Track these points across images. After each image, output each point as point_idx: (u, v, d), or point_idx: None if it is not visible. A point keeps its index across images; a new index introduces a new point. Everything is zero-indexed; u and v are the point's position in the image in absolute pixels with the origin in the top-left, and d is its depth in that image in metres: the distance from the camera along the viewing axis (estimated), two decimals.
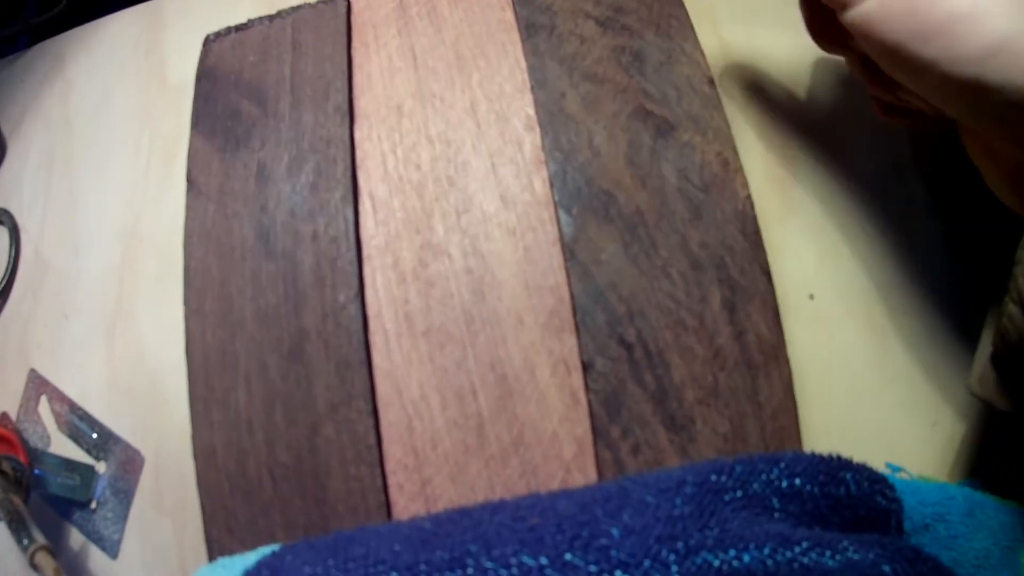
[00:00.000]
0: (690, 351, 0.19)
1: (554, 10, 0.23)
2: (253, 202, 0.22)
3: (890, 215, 0.29)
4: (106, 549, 0.27)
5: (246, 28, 0.25)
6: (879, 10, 0.17)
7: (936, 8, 0.17)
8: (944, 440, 0.25)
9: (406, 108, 0.22)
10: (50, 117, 0.36)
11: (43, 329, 0.31)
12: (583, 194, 0.20)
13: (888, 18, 0.17)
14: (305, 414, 0.19)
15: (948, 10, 0.17)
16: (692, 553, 0.15)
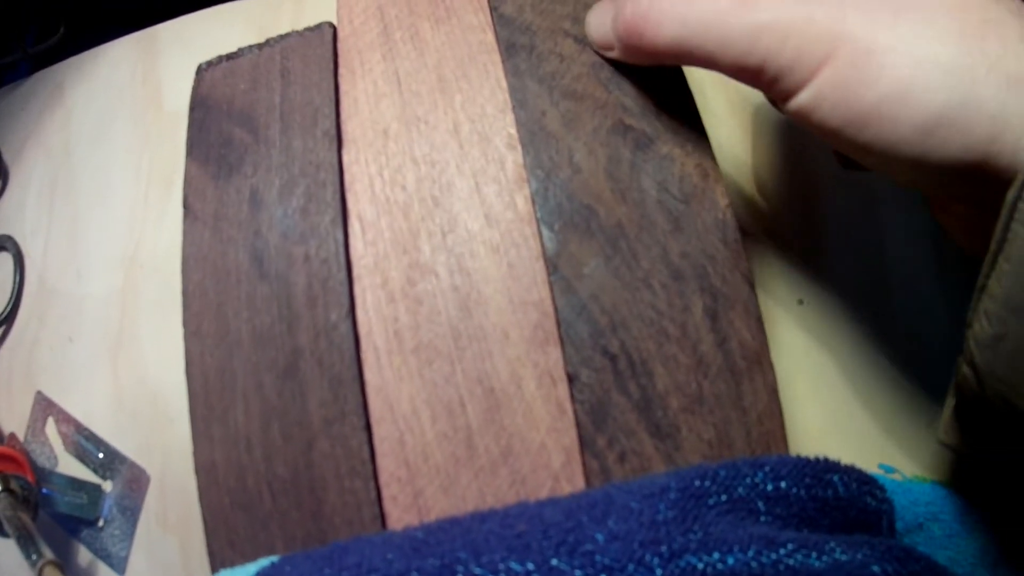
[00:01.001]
0: (673, 360, 0.20)
1: (533, 30, 0.24)
2: (247, 226, 0.22)
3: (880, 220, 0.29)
4: (113, 566, 0.28)
5: (237, 57, 0.26)
6: (813, 100, 0.17)
7: (867, 93, 0.16)
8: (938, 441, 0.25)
9: (392, 131, 0.23)
10: (51, 145, 0.37)
11: (48, 352, 0.32)
12: (564, 210, 0.21)
13: (822, 108, 0.17)
14: (301, 430, 0.20)
15: (880, 93, 0.16)
16: (676, 556, 0.16)
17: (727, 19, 0.18)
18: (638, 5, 0.20)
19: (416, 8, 0.25)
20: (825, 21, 0.17)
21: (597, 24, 0.23)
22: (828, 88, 0.17)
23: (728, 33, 0.18)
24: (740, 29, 0.18)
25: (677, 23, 0.19)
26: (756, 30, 0.18)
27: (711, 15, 0.18)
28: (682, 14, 0.19)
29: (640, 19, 0.20)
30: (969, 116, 0.15)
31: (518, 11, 0.24)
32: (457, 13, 0.25)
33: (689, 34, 0.19)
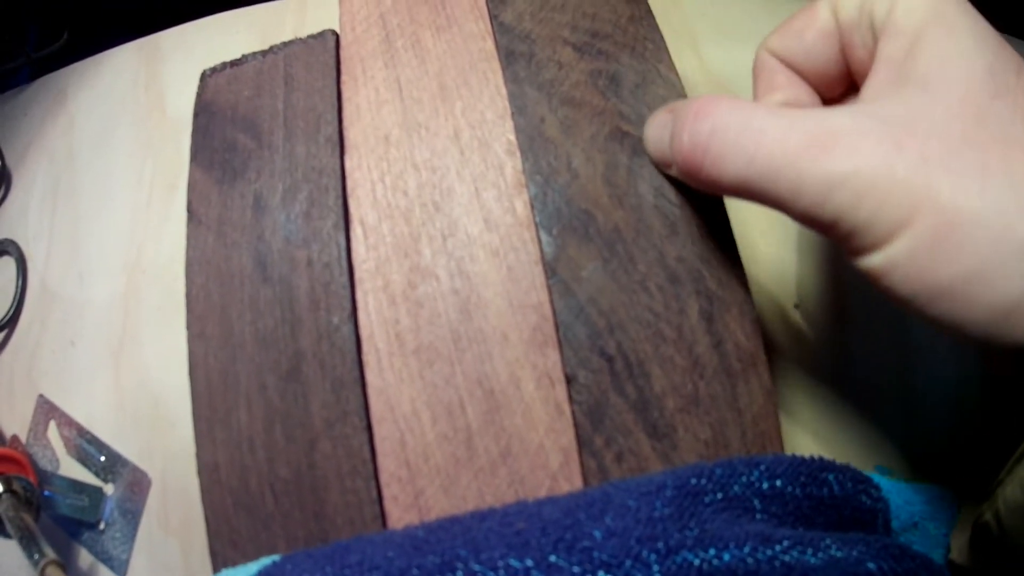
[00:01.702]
0: (670, 361, 0.20)
1: (532, 38, 0.24)
2: (250, 231, 0.23)
3: None
4: (115, 569, 0.28)
5: (240, 63, 0.26)
6: (884, 265, 0.16)
7: (943, 269, 0.15)
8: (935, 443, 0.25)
9: (393, 138, 0.24)
10: (54, 150, 0.37)
11: (51, 356, 0.32)
12: (563, 214, 0.21)
13: (892, 275, 0.16)
14: (303, 431, 0.20)
15: (957, 271, 0.15)
16: (672, 553, 0.16)
17: (800, 163, 0.16)
18: (697, 134, 0.18)
19: (417, 16, 0.26)
20: (908, 179, 0.15)
21: (655, 139, 0.21)
22: (902, 257, 0.15)
23: (800, 180, 0.16)
24: (814, 178, 0.16)
25: (742, 161, 0.17)
26: (832, 181, 0.16)
27: (781, 157, 0.16)
28: (748, 151, 0.17)
29: (700, 151, 0.18)
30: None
31: (517, 19, 0.24)
32: (458, 21, 0.25)
33: (755, 175, 0.17)
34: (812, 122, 0.16)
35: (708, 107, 0.18)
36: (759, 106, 0.17)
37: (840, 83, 0.21)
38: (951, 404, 0.26)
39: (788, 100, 0.21)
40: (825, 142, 0.16)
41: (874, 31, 0.18)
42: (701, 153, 0.18)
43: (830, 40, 0.20)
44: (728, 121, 0.17)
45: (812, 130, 0.16)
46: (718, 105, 0.18)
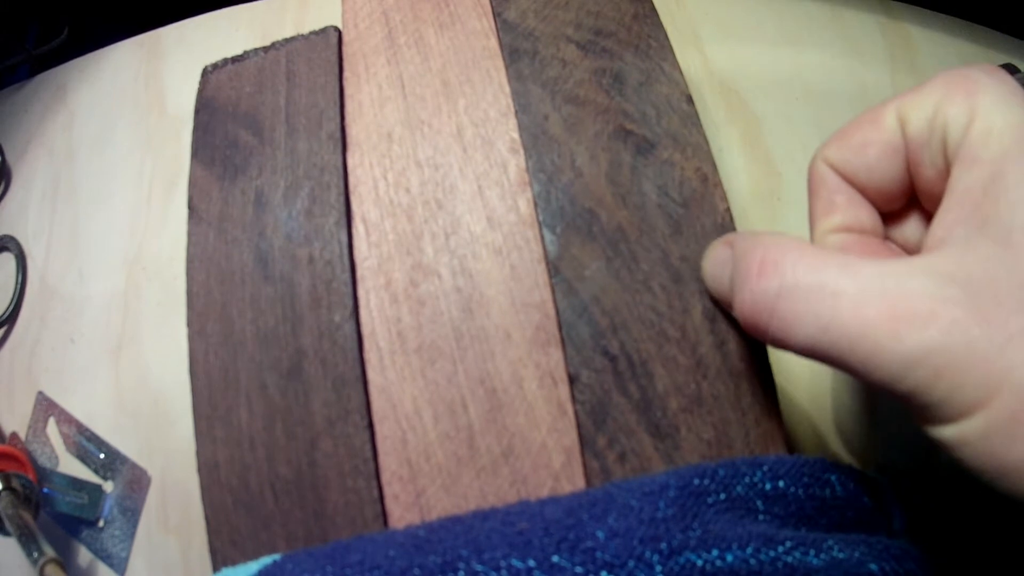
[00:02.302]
0: (673, 361, 0.20)
1: (536, 35, 0.24)
2: (252, 228, 0.23)
3: None
4: (113, 566, 0.28)
5: (242, 59, 0.26)
6: (956, 439, 0.15)
7: (1018, 449, 0.14)
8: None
9: (396, 135, 0.23)
10: (54, 146, 0.37)
11: (50, 353, 0.32)
12: (566, 213, 0.21)
13: (964, 450, 0.15)
14: (304, 429, 0.20)
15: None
16: (675, 553, 0.16)
17: (878, 337, 0.15)
18: (763, 294, 0.16)
19: (420, 13, 0.26)
20: (989, 357, 0.14)
21: (714, 277, 0.20)
22: (976, 435, 0.15)
23: (878, 355, 0.15)
24: (893, 354, 0.15)
25: (814, 328, 0.15)
26: (911, 359, 0.15)
27: (858, 329, 0.15)
28: (822, 319, 0.15)
29: (766, 313, 0.16)
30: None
31: (521, 17, 0.24)
32: (461, 19, 0.25)
33: (828, 344, 0.15)
34: (891, 288, 0.15)
35: (774, 261, 0.16)
36: (829, 260, 0.16)
37: (902, 198, 0.19)
38: None
39: (848, 224, 0.19)
40: (904, 315, 0.15)
41: (946, 153, 0.16)
42: (767, 315, 0.16)
43: (896, 156, 0.18)
44: (798, 282, 0.16)
45: (891, 299, 0.15)
46: (784, 259, 0.16)
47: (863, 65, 0.32)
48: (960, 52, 0.32)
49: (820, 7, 0.34)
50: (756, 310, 0.17)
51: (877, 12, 0.34)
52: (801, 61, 0.32)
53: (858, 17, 0.34)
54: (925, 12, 0.34)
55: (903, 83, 0.32)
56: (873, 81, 0.32)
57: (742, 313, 0.17)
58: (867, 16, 0.34)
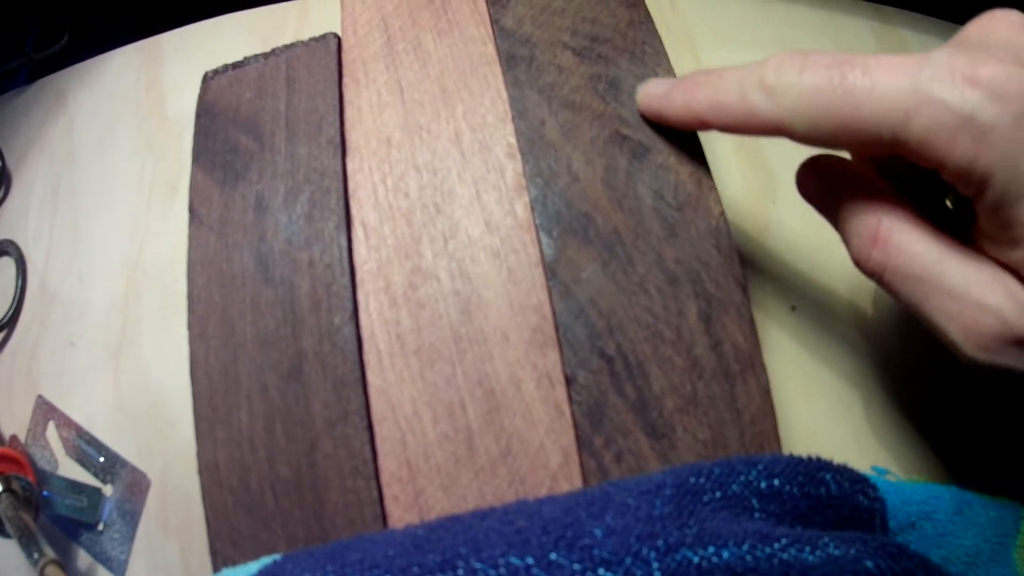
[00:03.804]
0: (668, 362, 0.20)
1: (533, 42, 0.24)
2: (252, 232, 0.23)
3: None
4: (113, 570, 0.28)
5: (243, 65, 0.26)
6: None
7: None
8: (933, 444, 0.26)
9: (395, 140, 0.24)
10: (54, 150, 0.37)
11: (50, 356, 0.32)
12: (563, 217, 0.21)
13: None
14: (304, 431, 0.20)
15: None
16: (672, 550, 0.16)
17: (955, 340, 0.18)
18: (875, 262, 0.19)
19: (419, 20, 0.26)
20: None
21: (654, 96, 0.22)
22: None
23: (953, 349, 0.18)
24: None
25: (909, 302, 0.18)
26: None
27: (942, 323, 0.18)
28: (917, 300, 0.18)
29: (876, 273, 0.19)
30: None
31: (518, 24, 0.25)
32: (459, 25, 0.26)
33: (920, 315, 0.19)
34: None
35: (885, 239, 0.18)
36: (934, 251, 0.18)
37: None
38: (950, 404, 0.26)
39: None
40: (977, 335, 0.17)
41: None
42: (878, 275, 0.19)
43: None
44: (906, 269, 0.18)
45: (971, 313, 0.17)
46: (897, 238, 0.18)
47: None
48: None
49: (814, 12, 0.34)
50: (867, 266, 0.19)
51: (871, 17, 0.34)
52: None
53: (852, 22, 0.34)
54: (919, 17, 0.34)
55: None
56: None
57: (855, 258, 0.19)
58: (861, 21, 0.34)
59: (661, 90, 0.22)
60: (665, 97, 0.22)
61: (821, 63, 0.17)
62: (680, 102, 0.21)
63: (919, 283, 0.18)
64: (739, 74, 0.19)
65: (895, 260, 0.18)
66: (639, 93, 0.23)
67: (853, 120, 0.17)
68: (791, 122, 0.18)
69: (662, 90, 0.22)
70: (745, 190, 0.30)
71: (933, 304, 0.18)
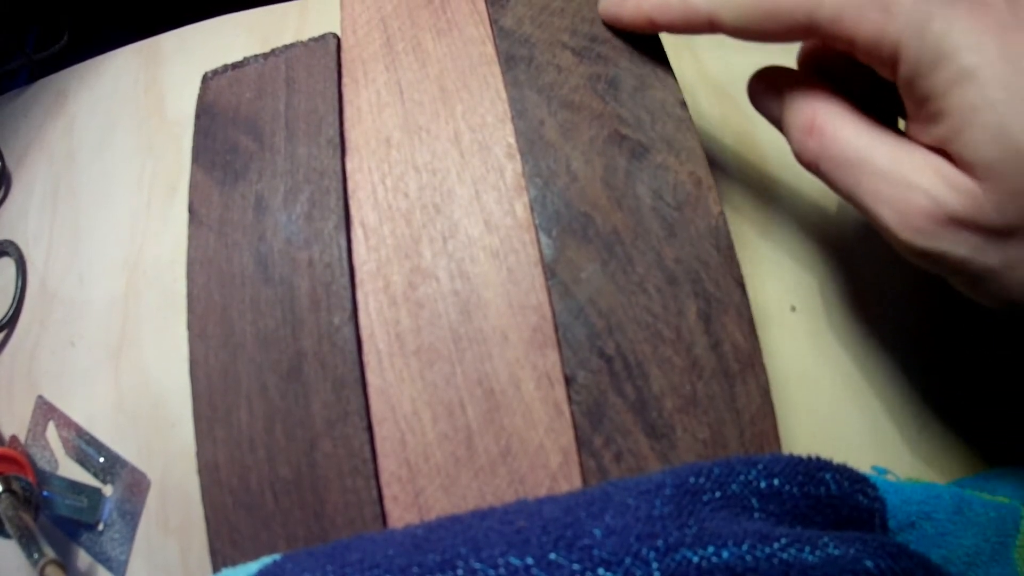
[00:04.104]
0: (668, 362, 0.20)
1: (532, 42, 0.24)
2: (252, 232, 0.23)
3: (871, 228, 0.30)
4: (113, 570, 0.28)
5: (242, 66, 0.26)
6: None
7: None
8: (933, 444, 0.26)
9: (394, 140, 0.24)
10: (54, 151, 0.37)
11: (50, 356, 0.32)
12: (562, 217, 0.21)
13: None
14: (304, 431, 0.20)
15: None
16: (671, 550, 0.16)
17: (887, 224, 0.19)
18: (811, 151, 0.20)
19: (418, 20, 0.26)
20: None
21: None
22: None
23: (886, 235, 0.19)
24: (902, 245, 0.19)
25: (844, 188, 0.20)
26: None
27: (873, 208, 0.19)
28: (850, 185, 0.19)
29: (812, 162, 0.20)
30: None
31: (517, 24, 0.25)
32: (458, 25, 0.26)
33: (855, 202, 0.20)
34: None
35: (820, 127, 0.20)
36: (863, 134, 0.19)
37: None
38: (948, 404, 0.26)
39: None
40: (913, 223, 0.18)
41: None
42: (813, 164, 0.20)
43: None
44: (835, 154, 0.19)
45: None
46: (828, 126, 0.20)
47: None
48: None
49: None
50: (804, 157, 0.20)
51: None
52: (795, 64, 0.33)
53: None
54: None
55: None
56: None
57: (795, 151, 0.21)
58: None
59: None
60: (619, 3, 0.24)
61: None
62: (632, 4, 0.23)
63: (852, 168, 0.19)
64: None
65: (829, 149, 0.19)
66: (601, 2, 0.24)
67: (773, 7, 0.19)
68: (722, 15, 0.20)
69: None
70: (745, 190, 0.30)
71: (866, 188, 0.18)
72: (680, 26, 0.22)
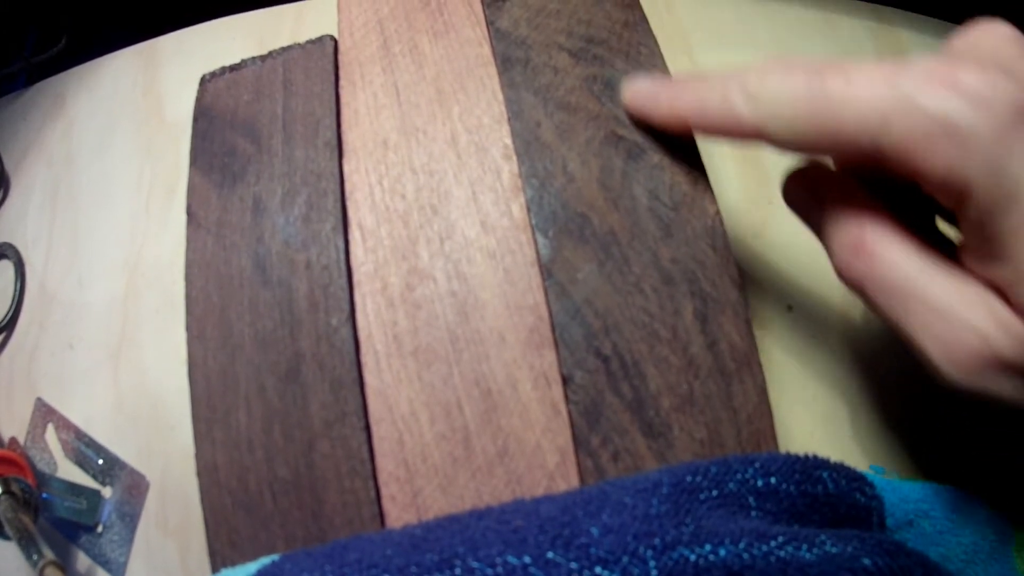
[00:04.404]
0: (665, 361, 0.20)
1: (529, 44, 0.24)
2: (250, 234, 0.23)
3: None
4: (112, 571, 0.28)
5: (240, 68, 0.26)
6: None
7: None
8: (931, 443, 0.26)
9: (391, 142, 0.24)
10: (52, 154, 0.37)
11: (49, 359, 0.32)
12: (559, 217, 0.22)
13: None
14: (302, 431, 0.21)
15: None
16: (669, 549, 0.16)
17: (937, 361, 0.17)
18: (857, 271, 0.18)
19: (415, 23, 0.26)
20: None
21: (645, 95, 0.22)
22: None
23: (934, 368, 0.17)
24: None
25: (889, 315, 0.18)
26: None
27: (920, 339, 0.17)
28: (897, 314, 0.18)
29: (856, 283, 0.18)
30: None
31: (514, 25, 0.25)
32: (455, 27, 0.26)
33: (899, 328, 0.18)
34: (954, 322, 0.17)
35: (870, 250, 0.18)
36: (915, 265, 0.17)
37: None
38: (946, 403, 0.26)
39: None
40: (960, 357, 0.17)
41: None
42: (858, 285, 0.18)
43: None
44: (884, 278, 0.18)
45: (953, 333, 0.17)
46: (878, 248, 0.18)
47: None
48: None
49: (810, 12, 0.34)
50: (848, 276, 0.18)
51: (868, 17, 0.34)
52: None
53: (849, 22, 0.34)
54: (916, 16, 0.34)
55: None
56: None
57: (837, 268, 0.19)
58: (857, 21, 0.34)
59: (648, 90, 0.22)
60: (651, 97, 0.22)
61: (802, 69, 0.17)
62: (665, 104, 0.21)
63: (900, 297, 0.17)
64: (723, 78, 0.19)
65: (877, 271, 0.18)
66: (627, 90, 0.23)
67: (832, 126, 0.17)
68: (770, 128, 0.18)
69: (649, 90, 0.22)
70: (742, 191, 0.31)
71: (913, 320, 0.17)
72: (720, 133, 0.20)
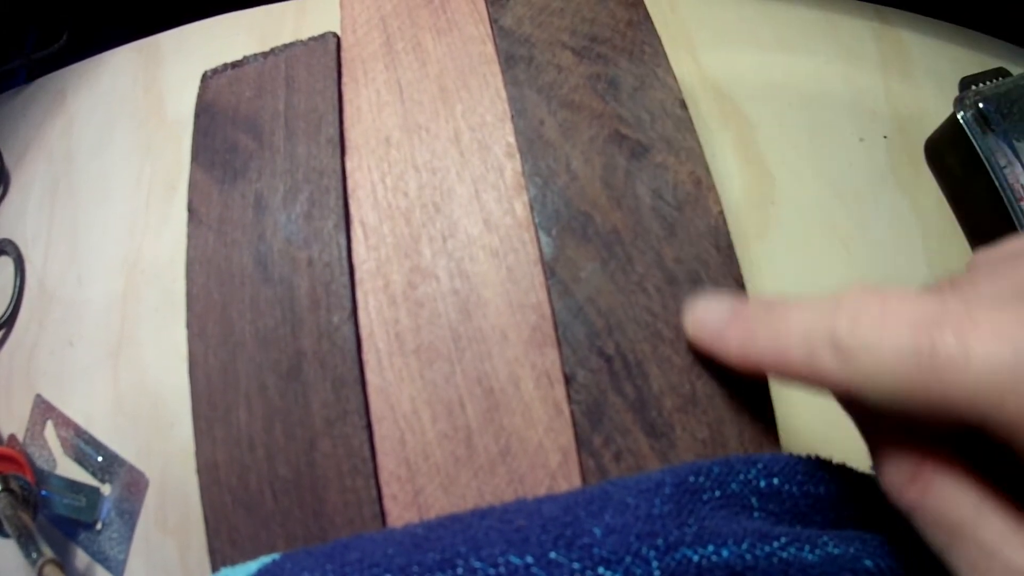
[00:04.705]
0: (667, 361, 0.20)
1: (532, 42, 0.24)
2: (251, 231, 0.23)
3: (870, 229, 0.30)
4: (111, 569, 0.28)
5: (242, 65, 0.26)
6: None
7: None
8: None
9: (394, 139, 0.24)
10: (53, 150, 0.37)
11: (49, 356, 0.32)
12: (562, 216, 0.21)
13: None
14: (303, 430, 0.20)
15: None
16: (672, 549, 0.16)
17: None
18: (908, 500, 0.16)
19: (418, 20, 0.26)
20: None
21: (705, 326, 0.19)
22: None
23: None
24: None
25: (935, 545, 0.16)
26: None
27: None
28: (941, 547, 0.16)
29: (905, 509, 0.16)
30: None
31: (517, 23, 0.25)
32: (458, 25, 0.26)
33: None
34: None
35: (922, 488, 0.16)
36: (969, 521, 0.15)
37: None
38: None
39: None
40: None
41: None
42: (906, 511, 0.16)
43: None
44: (938, 522, 0.16)
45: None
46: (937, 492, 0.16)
47: (856, 70, 0.33)
48: (952, 57, 0.33)
49: (813, 13, 0.34)
50: (898, 501, 0.17)
51: (870, 18, 0.34)
52: (794, 66, 0.33)
53: (851, 23, 0.34)
54: (918, 17, 0.34)
55: (896, 88, 0.32)
56: (866, 86, 0.32)
57: (886, 487, 0.17)
58: (860, 22, 0.34)
59: (715, 322, 0.19)
60: (719, 334, 0.19)
61: (905, 319, 0.15)
62: (736, 346, 0.19)
63: (952, 532, 0.16)
64: (806, 320, 0.17)
65: (931, 503, 0.16)
66: (689, 317, 0.20)
67: (939, 399, 0.14)
68: (864, 391, 0.15)
69: (716, 323, 0.19)
70: (745, 191, 0.30)
71: (960, 554, 0.15)
72: (800, 383, 0.17)
